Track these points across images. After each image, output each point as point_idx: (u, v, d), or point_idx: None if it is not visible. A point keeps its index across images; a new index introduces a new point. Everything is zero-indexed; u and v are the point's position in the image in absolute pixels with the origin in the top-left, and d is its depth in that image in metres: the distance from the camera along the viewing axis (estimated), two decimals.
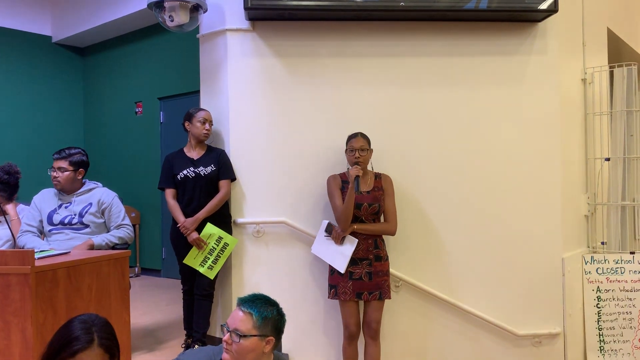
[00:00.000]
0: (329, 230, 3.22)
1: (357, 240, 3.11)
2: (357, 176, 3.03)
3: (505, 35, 3.55)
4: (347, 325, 3.11)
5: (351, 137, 3.18)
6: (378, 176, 3.24)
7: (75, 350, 1.52)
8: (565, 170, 3.66)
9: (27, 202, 3.61)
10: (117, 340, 1.65)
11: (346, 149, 3.19)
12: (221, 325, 2.00)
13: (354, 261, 3.11)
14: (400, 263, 3.47)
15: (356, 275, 3.10)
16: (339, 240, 3.13)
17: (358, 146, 3.12)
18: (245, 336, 1.89)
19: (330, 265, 3.18)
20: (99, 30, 6.42)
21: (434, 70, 3.54)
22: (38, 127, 6.64)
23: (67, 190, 3.42)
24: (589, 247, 3.99)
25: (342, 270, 3.10)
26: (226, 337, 1.92)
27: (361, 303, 3.20)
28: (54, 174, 3.38)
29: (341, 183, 3.20)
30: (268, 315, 1.95)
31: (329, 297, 3.18)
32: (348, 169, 3.24)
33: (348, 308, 3.11)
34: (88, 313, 1.66)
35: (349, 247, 3.11)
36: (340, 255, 3.13)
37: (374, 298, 3.10)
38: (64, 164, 3.37)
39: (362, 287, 3.09)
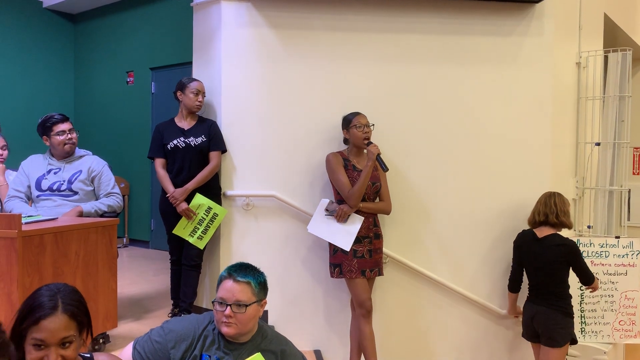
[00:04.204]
0: (332, 208, 3.16)
1: (363, 218, 3.09)
2: (379, 154, 3.04)
3: (502, 15, 3.53)
4: (363, 302, 3.03)
5: (354, 115, 3.15)
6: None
7: (39, 317, 1.45)
8: (555, 153, 3.68)
9: (15, 168, 3.57)
10: (87, 309, 1.57)
11: (350, 127, 3.14)
12: (213, 301, 1.96)
13: (357, 239, 3.08)
14: (388, 240, 3.48)
15: (359, 253, 3.08)
16: (343, 219, 3.10)
17: (366, 122, 3.12)
18: (248, 305, 1.92)
19: (331, 245, 3.13)
20: None
21: (428, 48, 3.52)
22: (27, 95, 6.54)
23: (69, 153, 3.37)
24: (575, 230, 4.03)
25: (347, 248, 3.05)
26: (227, 311, 1.90)
27: None
28: (68, 135, 3.29)
29: (343, 161, 3.15)
30: (262, 280, 2.01)
31: (333, 277, 3.14)
32: (347, 147, 3.25)
33: (360, 285, 3.05)
34: (57, 282, 1.59)
35: (355, 225, 3.07)
36: (345, 234, 3.07)
37: (375, 275, 3.12)
38: (70, 125, 3.33)
39: (365, 264, 3.08)
